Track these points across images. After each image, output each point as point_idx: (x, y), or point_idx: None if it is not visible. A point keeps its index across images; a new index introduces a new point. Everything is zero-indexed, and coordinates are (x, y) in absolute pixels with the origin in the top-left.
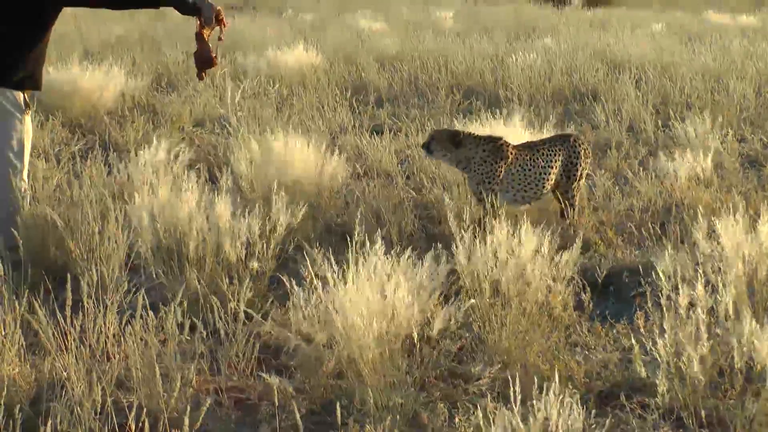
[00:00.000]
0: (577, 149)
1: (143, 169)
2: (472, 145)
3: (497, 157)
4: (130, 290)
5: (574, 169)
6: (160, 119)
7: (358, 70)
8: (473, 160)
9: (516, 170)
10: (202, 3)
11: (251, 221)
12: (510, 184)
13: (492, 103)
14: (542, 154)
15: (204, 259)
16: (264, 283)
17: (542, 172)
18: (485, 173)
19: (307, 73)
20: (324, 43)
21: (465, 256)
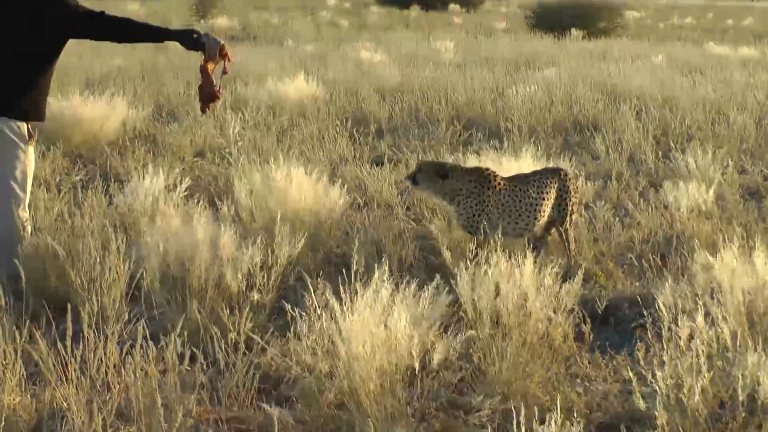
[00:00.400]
0: (567, 184)
1: (144, 199)
2: (458, 176)
3: (484, 188)
4: (130, 320)
5: (566, 203)
6: (160, 149)
7: (359, 101)
8: (460, 192)
9: (506, 201)
10: (207, 38)
11: (253, 252)
12: (500, 215)
13: (492, 134)
14: (534, 186)
15: (205, 290)
16: (264, 314)
17: (534, 204)
18: (474, 206)
19: (307, 103)
20: (325, 74)
21: (467, 286)
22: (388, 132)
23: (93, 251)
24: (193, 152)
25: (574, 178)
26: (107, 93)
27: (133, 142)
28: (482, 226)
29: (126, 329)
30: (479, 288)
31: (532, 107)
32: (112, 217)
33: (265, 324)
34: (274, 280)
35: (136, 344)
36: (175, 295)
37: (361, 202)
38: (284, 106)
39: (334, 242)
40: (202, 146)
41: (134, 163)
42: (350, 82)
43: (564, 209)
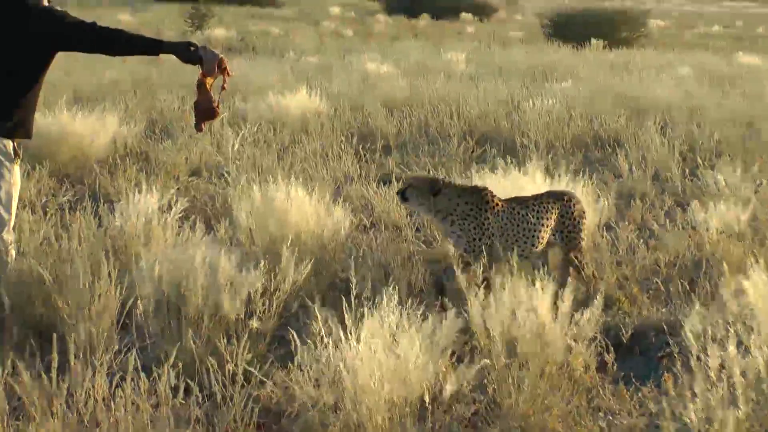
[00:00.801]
0: (571, 210)
1: (136, 221)
2: (452, 195)
3: (482, 208)
4: (121, 350)
5: (569, 230)
6: (153, 168)
7: (365, 116)
8: (454, 213)
9: (505, 223)
10: (205, 51)
11: (254, 277)
12: (498, 238)
13: (508, 150)
14: (533, 210)
15: (202, 318)
16: (265, 343)
17: (533, 229)
18: (473, 229)
19: (310, 119)
20: (328, 87)
21: (478, 313)
22: (396, 148)
23: (81, 277)
24: (189, 171)
25: (580, 203)
26: (97, 108)
27: (125, 160)
28: (480, 250)
29: (116, 360)
30: (493, 314)
31: (550, 121)
32: (102, 241)
33: (265, 354)
34: (276, 306)
35: (126, 376)
36: (169, 323)
37: (367, 223)
38: (285, 122)
39: (338, 266)
40: (198, 164)
41: (125, 182)
42: (355, 95)
43: (567, 236)
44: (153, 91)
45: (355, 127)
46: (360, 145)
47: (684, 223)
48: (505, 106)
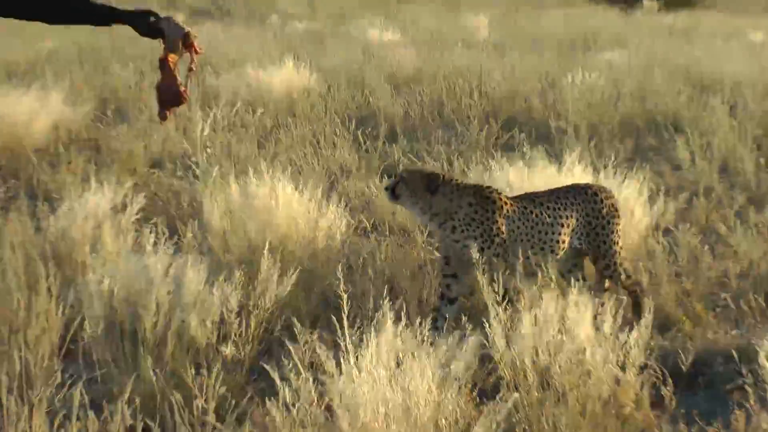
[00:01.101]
0: (597, 205)
1: (83, 224)
2: (453, 194)
3: (489, 210)
4: (63, 383)
5: (595, 231)
6: (105, 159)
7: (365, 95)
8: (456, 215)
9: (516, 226)
10: (168, 24)
11: (227, 293)
12: (510, 245)
13: (541, 136)
14: (548, 208)
15: (163, 343)
16: (242, 374)
17: (549, 231)
18: (481, 233)
19: (298, 98)
20: (321, 59)
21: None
22: (404, 134)
23: (16, 292)
24: (148, 162)
25: (611, 197)
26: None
27: (69, 149)
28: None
29: (59, 395)
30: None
31: (593, 101)
32: (42, 248)
33: (243, 387)
34: (255, 329)
35: (71, 415)
36: (123, 349)
37: (368, 225)
38: (268, 102)
39: (333, 278)
40: (160, 154)
41: (70, 176)
42: (354, 69)
43: (595, 239)
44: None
45: (353, 108)
46: (359, 130)
47: (759, 225)
48: (538, 82)
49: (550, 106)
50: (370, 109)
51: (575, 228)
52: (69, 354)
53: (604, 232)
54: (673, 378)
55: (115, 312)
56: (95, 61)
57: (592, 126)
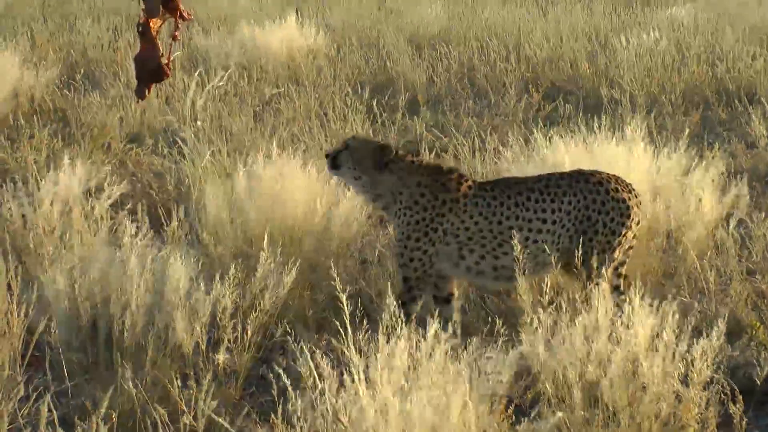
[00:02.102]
0: (603, 198)
1: (49, 209)
2: (403, 171)
3: (439, 198)
4: (28, 396)
5: (595, 229)
6: (74, 132)
7: (381, 58)
8: (399, 198)
9: (477, 221)
10: None
11: (220, 292)
12: (465, 245)
13: (590, 107)
14: (532, 198)
15: (144, 349)
16: (237, 386)
17: (533, 228)
18: (413, 226)
19: (302, 61)
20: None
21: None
22: (427, 105)
23: None
24: (125, 137)
25: (626, 189)
26: None
27: (31, 121)
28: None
29: (22, 410)
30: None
31: (653, 66)
32: (0, 238)
33: (238, 401)
34: (252, 333)
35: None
36: (97, 357)
37: None
38: (266, 66)
39: (344, 275)
40: (139, 128)
41: (33, 153)
42: (367, 27)
43: (597, 240)
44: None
45: (367, 73)
46: (374, 99)
47: None
48: (587, 43)
49: (601, 72)
50: (387, 74)
51: (567, 224)
52: (34, 362)
53: (609, 232)
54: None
55: (87, 314)
56: (61, 15)
57: (650, 96)
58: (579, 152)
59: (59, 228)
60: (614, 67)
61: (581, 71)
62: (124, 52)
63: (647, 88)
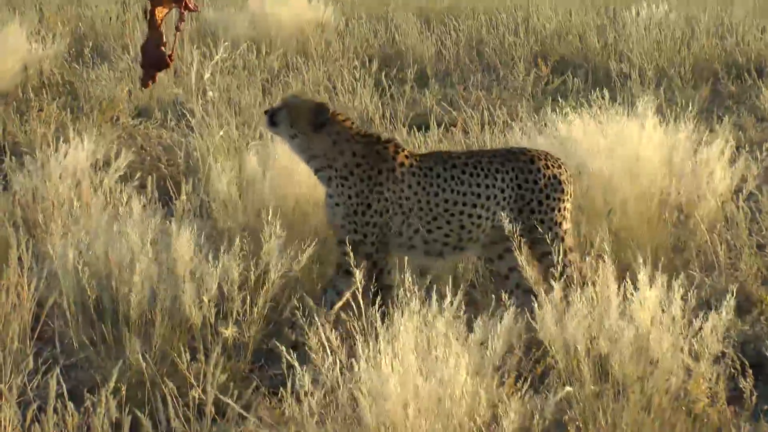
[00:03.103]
0: (535, 175)
1: (58, 183)
2: (339, 136)
3: (375, 167)
4: (38, 369)
5: (530, 207)
6: (82, 105)
7: (390, 31)
8: (334, 164)
9: (416, 192)
10: None
11: (227, 264)
12: (407, 218)
13: (599, 81)
14: (466, 173)
15: (152, 323)
16: (245, 359)
17: (464, 203)
18: (356, 193)
19: (310, 34)
20: None
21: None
22: (436, 78)
23: None
24: (134, 110)
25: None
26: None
27: (40, 95)
28: (371, 238)
29: (32, 384)
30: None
31: (662, 39)
32: (10, 211)
33: (247, 375)
34: (261, 306)
35: (47, 407)
36: (105, 330)
37: None
38: (274, 40)
39: None
40: (147, 101)
41: (42, 126)
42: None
43: (528, 218)
44: None
45: (376, 46)
46: (383, 72)
47: None
48: (596, 16)
49: (610, 46)
50: (396, 48)
51: (501, 202)
52: (43, 336)
53: (542, 209)
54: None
55: (94, 287)
56: None
57: (660, 69)
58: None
59: (68, 201)
60: (623, 41)
61: (590, 44)
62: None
63: (656, 62)
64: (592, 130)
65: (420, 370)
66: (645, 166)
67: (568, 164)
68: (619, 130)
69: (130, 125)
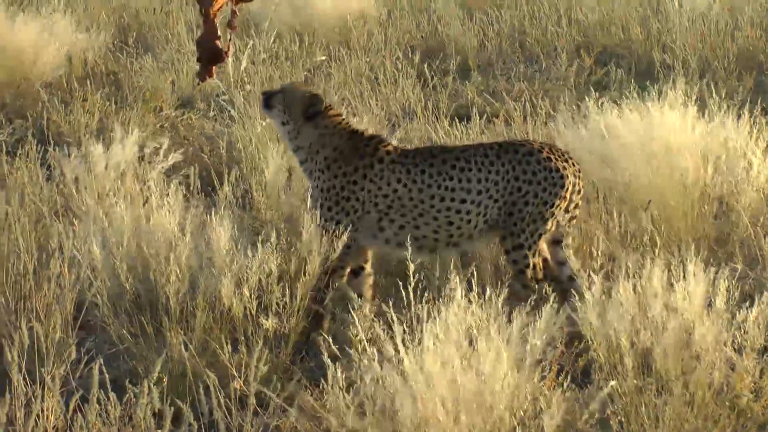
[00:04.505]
0: (531, 166)
1: (102, 173)
2: (326, 130)
3: (353, 164)
4: (80, 359)
5: (526, 200)
6: (126, 96)
7: (432, 22)
8: (317, 156)
9: (396, 189)
10: None
11: (267, 256)
12: (386, 215)
13: (642, 72)
14: (456, 167)
15: (193, 314)
16: (287, 351)
17: (451, 198)
18: (329, 188)
19: (352, 25)
20: None
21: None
22: (478, 69)
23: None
24: (177, 101)
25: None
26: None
27: (84, 85)
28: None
29: (74, 374)
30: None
31: (705, 30)
32: (52, 201)
33: (288, 367)
34: (301, 298)
35: (90, 397)
36: (147, 321)
37: None
38: (317, 30)
39: None
40: (191, 91)
41: (86, 116)
42: None
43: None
44: None
45: (418, 37)
46: (425, 63)
47: None
48: (639, 6)
49: (653, 37)
50: (438, 38)
51: (495, 195)
52: (85, 325)
53: (536, 201)
54: None
55: (136, 277)
56: None
57: (703, 60)
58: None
59: (112, 192)
60: (666, 32)
61: (633, 35)
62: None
63: (700, 53)
64: (634, 121)
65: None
66: (685, 158)
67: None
68: (660, 121)
69: (173, 116)
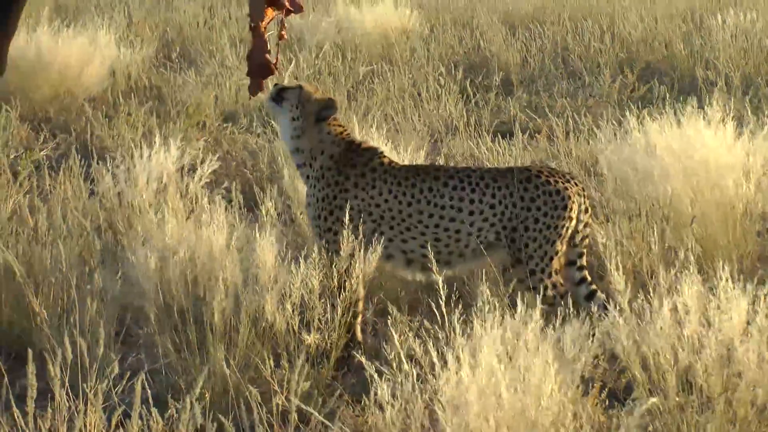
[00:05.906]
0: (530, 192)
1: (144, 187)
2: (327, 136)
3: (344, 174)
4: (122, 374)
5: (525, 224)
6: (169, 110)
7: (475, 38)
8: (313, 164)
9: (387, 199)
10: None
11: (310, 271)
12: (379, 226)
13: (684, 88)
14: (449, 185)
15: (236, 329)
16: (328, 367)
17: (441, 216)
18: (323, 197)
19: (396, 41)
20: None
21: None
22: (521, 85)
23: (66, 267)
24: (220, 115)
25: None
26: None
27: (128, 99)
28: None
29: (117, 388)
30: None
31: (748, 47)
32: (96, 215)
33: (330, 383)
34: (343, 314)
35: (132, 412)
36: (190, 336)
37: None
38: (360, 46)
39: None
40: (234, 106)
41: (129, 131)
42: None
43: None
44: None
45: (461, 53)
46: (468, 79)
47: None
48: (682, 23)
49: (696, 53)
50: (481, 54)
51: (491, 218)
52: (127, 341)
53: (537, 226)
54: None
55: (181, 292)
56: None
57: (746, 76)
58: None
59: (154, 206)
60: (709, 48)
61: (676, 52)
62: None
63: (743, 69)
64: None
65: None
66: (728, 175)
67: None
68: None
69: (216, 130)
